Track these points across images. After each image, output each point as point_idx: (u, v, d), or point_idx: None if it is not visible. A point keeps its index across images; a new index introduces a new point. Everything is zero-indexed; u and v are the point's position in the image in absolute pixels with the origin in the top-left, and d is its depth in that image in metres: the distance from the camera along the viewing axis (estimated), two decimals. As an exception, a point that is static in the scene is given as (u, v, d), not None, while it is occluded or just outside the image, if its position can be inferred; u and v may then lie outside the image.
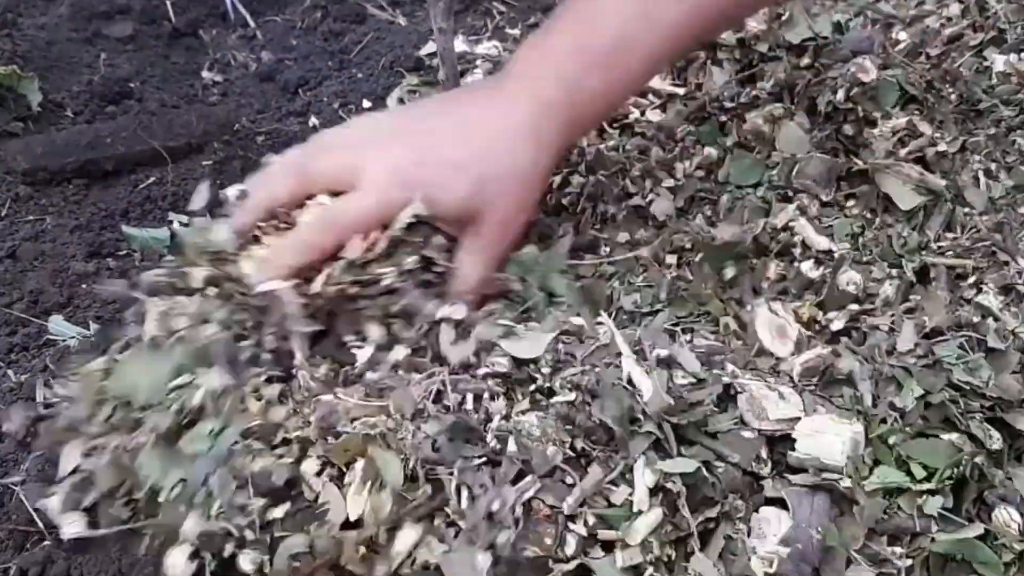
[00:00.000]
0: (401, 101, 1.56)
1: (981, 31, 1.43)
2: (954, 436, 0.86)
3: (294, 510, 0.83)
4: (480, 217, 0.93)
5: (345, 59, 1.77)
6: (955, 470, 0.83)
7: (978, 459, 0.83)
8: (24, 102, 1.55)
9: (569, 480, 0.87)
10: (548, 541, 0.82)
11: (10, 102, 1.54)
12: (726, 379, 0.91)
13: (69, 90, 1.65)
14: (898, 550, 0.82)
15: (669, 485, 0.83)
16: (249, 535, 0.81)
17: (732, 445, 0.87)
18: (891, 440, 0.86)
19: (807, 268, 1.07)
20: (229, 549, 0.81)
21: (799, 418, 0.88)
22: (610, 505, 0.84)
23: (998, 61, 1.35)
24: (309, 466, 0.86)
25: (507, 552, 0.80)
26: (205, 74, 1.80)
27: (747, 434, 0.88)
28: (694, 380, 0.91)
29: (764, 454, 0.87)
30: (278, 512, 0.83)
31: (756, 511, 0.84)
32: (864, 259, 1.07)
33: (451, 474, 0.86)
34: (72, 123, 1.58)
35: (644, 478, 0.84)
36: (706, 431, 0.88)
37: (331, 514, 0.83)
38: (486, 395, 0.91)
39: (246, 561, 0.81)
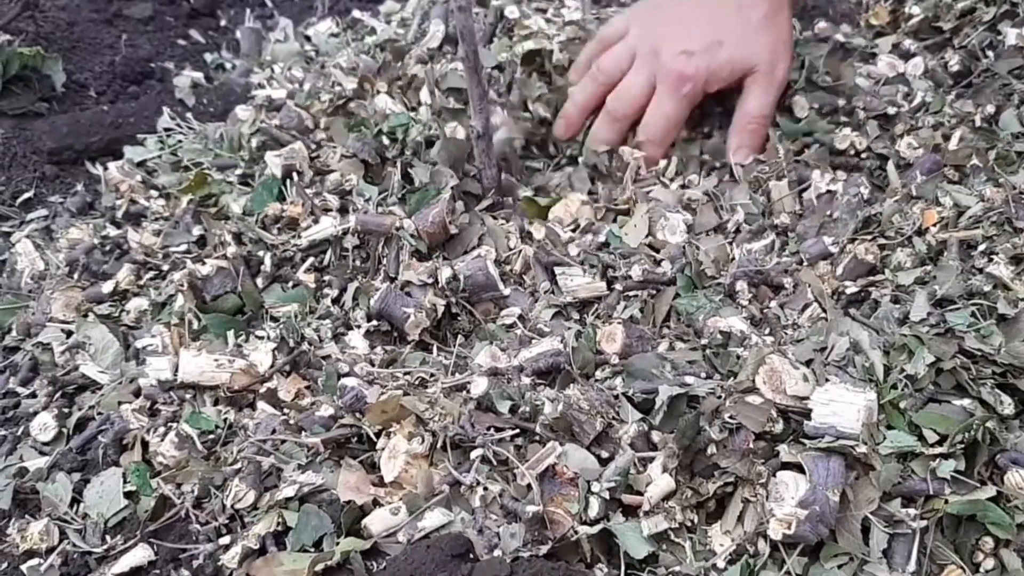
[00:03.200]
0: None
1: (994, 5, 1.43)
2: (966, 402, 0.88)
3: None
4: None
5: (363, 38, 1.78)
6: (966, 434, 0.85)
7: (989, 424, 0.85)
8: (48, 82, 1.57)
9: (604, 454, 0.90)
10: (572, 504, 0.86)
11: (35, 82, 1.56)
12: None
13: (92, 70, 1.67)
14: (912, 512, 0.84)
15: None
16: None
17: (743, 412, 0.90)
18: (903, 405, 0.88)
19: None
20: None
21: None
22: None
23: (1011, 34, 1.36)
24: None
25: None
26: (224, 54, 1.82)
27: (754, 399, 0.90)
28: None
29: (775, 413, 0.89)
30: None
31: (774, 475, 0.87)
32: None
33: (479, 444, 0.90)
34: (95, 103, 1.61)
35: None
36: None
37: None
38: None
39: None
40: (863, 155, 1.28)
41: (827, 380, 0.91)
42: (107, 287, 1.22)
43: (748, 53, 1.26)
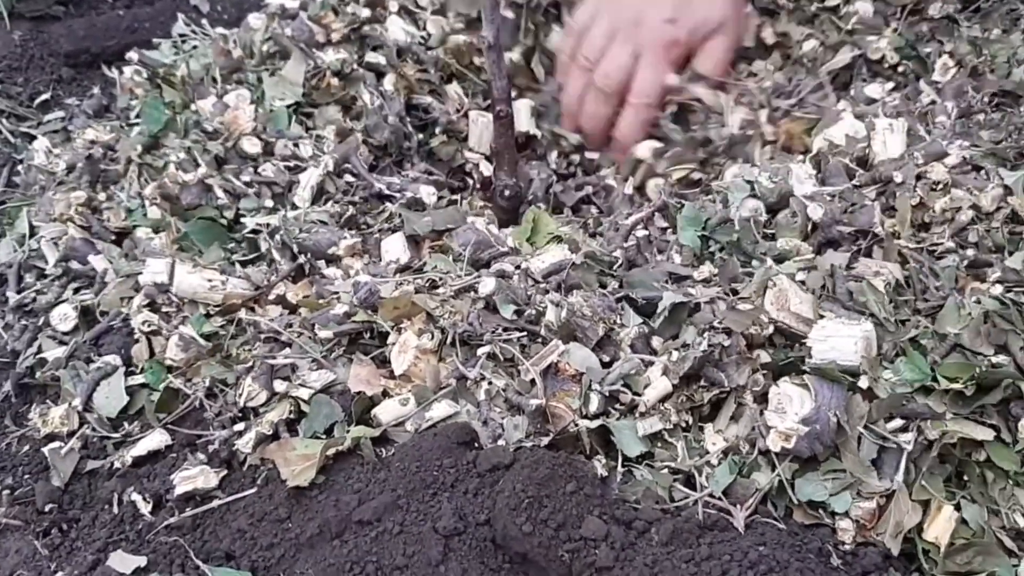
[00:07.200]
0: None
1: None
2: (1001, 357, 0.87)
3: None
4: None
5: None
6: (979, 372, 0.84)
7: (1022, 384, 0.84)
8: (64, -15, 1.58)
9: (606, 357, 0.94)
10: (572, 399, 0.89)
11: (50, -15, 1.57)
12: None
13: (107, -27, 1.67)
14: (903, 426, 0.85)
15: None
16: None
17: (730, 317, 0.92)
18: (923, 343, 0.89)
19: None
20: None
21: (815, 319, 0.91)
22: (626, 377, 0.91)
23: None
24: None
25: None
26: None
27: (745, 307, 0.93)
28: None
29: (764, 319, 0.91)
30: None
31: (775, 384, 0.88)
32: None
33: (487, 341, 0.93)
34: (111, 7, 1.61)
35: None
36: None
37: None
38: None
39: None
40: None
41: (820, 316, 0.92)
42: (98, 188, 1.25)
43: (714, 13, 1.34)
